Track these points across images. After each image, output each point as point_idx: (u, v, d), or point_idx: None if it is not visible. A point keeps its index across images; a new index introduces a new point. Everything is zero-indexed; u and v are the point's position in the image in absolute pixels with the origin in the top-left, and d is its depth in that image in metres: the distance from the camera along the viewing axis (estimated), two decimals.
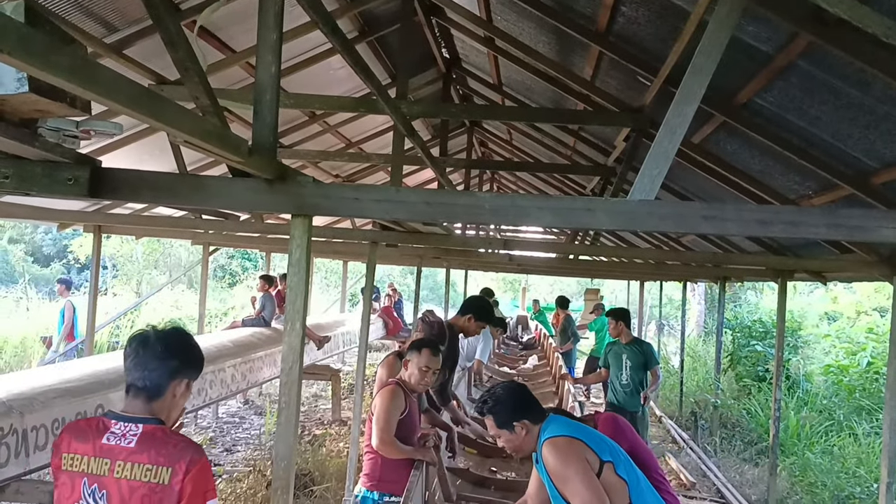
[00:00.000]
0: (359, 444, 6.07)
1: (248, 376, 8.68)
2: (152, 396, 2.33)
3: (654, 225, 2.75)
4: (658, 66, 4.47)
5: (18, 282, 25.18)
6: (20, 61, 1.45)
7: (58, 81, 1.59)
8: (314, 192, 2.79)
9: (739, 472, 9.54)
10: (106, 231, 8.98)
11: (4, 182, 2.72)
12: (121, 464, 2.19)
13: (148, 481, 2.18)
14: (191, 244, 13.63)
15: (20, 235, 31.93)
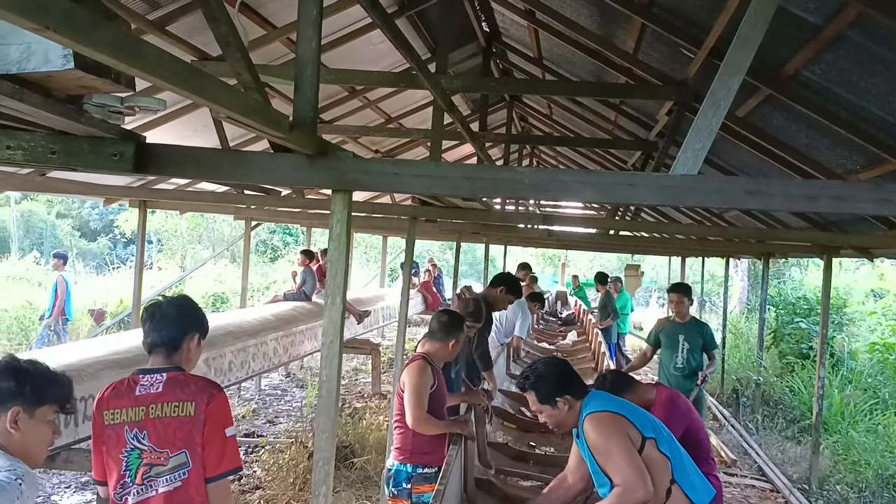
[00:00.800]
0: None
1: (289, 350, 8.81)
2: (171, 351, 2.74)
3: (697, 200, 2.71)
4: (702, 37, 4.38)
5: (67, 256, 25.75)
6: (64, 37, 1.47)
7: (101, 57, 1.61)
8: (354, 168, 2.80)
9: (781, 450, 9.44)
10: (151, 206, 9.13)
11: (52, 157, 2.78)
12: (153, 406, 2.62)
13: (177, 416, 2.62)
14: (233, 219, 13.82)
15: (67, 210, 32.64)
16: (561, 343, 14.21)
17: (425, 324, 19.55)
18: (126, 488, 2.63)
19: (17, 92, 2.26)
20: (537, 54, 7.90)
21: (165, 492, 2.60)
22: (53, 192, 9.24)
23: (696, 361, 6.96)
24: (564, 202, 16.87)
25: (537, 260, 37.03)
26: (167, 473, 2.61)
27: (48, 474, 6.88)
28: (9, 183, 7.07)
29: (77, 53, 2.22)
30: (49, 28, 1.40)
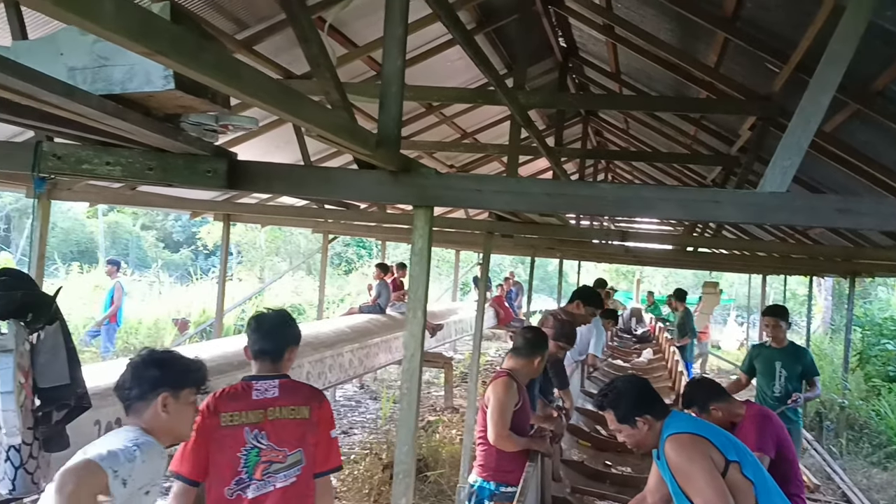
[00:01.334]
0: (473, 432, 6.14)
1: (364, 361, 8.93)
2: (276, 360, 3.04)
3: (785, 218, 2.65)
4: (788, 52, 4.28)
5: (151, 266, 26.70)
6: (172, 61, 1.55)
7: (205, 79, 1.68)
8: (437, 184, 2.84)
9: (867, 476, 9.06)
10: (234, 220, 9.42)
11: (149, 174, 2.91)
12: (272, 409, 2.92)
13: (293, 418, 2.94)
14: (311, 232, 14.10)
15: (151, 222, 33.83)
16: (636, 361, 13.99)
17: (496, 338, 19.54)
18: (243, 484, 2.86)
19: (119, 111, 2.38)
20: (615, 69, 7.84)
21: (283, 486, 2.89)
22: (143, 205, 9.63)
23: (795, 389, 6.36)
24: (641, 217, 16.60)
25: (611, 275, 36.51)
26: (284, 470, 2.90)
27: None
28: (102, 196, 7.40)
29: (177, 74, 2.33)
30: (158, 52, 1.47)
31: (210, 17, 4.97)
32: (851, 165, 5.36)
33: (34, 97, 2.07)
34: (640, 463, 6.07)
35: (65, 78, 2.41)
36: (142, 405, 2.49)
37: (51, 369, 3.44)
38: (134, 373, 2.54)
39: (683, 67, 5.96)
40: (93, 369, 5.22)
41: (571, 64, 8.53)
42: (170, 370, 2.55)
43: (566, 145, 10.57)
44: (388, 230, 10.65)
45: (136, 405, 2.50)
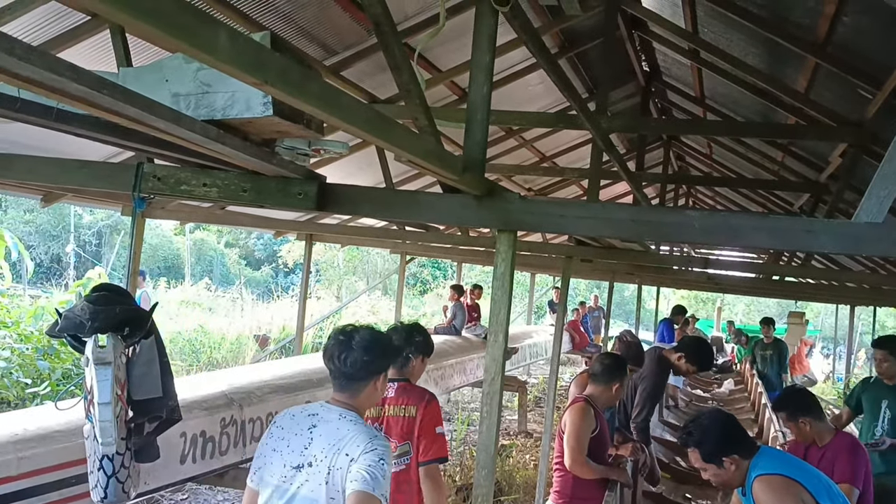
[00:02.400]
0: (549, 458, 6.08)
1: (439, 382, 8.96)
2: (402, 366, 3.52)
3: (883, 249, 2.56)
4: (883, 77, 4.15)
5: (234, 283, 27.46)
6: (279, 91, 1.63)
7: (309, 108, 1.76)
8: (520, 208, 2.86)
9: None
10: (316, 239, 9.64)
11: (243, 195, 3.02)
12: (388, 406, 3.44)
13: (403, 416, 3.43)
14: (389, 253, 14.28)
15: (235, 240, 34.86)
16: (717, 391, 13.62)
17: (571, 363, 19.28)
18: None
19: (221, 136, 2.48)
20: (699, 93, 7.73)
21: (395, 471, 3.24)
22: (232, 224, 9.96)
23: None
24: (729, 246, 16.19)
25: (690, 302, 35.68)
26: (395, 458, 3.28)
27: (213, 491, 7.30)
28: (194, 215, 7.70)
29: (275, 101, 2.43)
30: (267, 83, 1.55)
31: (300, 45, 5.15)
32: None
33: (143, 122, 2.19)
34: (723, 498, 5.89)
35: (169, 103, 2.53)
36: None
37: (145, 382, 3.59)
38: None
39: (771, 92, 5.84)
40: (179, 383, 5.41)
41: (654, 88, 8.46)
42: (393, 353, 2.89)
43: (647, 170, 10.45)
44: (464, 252, 10.71)
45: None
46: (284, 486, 2.47)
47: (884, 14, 3.75)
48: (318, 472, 2.43)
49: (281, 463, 2.50)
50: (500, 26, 3.50)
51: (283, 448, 2.51)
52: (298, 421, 2.56)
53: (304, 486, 2.44)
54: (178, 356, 13.40)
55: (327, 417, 2.52)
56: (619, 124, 6.33)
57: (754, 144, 8.41)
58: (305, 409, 2.63)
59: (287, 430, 2.55)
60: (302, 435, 2.50)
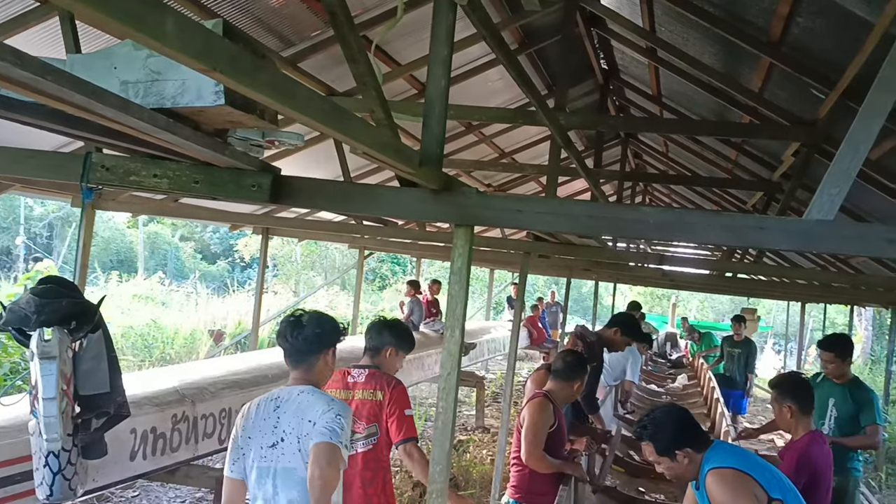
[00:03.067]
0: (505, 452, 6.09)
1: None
2: (374, 355, 3.79)
3: (833, 247, 2.61)
4: (835, 78, 4.23)
5: (189, 277, 27.05)
6: (230, 79, 1.58)
7: (260, 97, 1.71)
8: (478, 203, 2.85)
9: None
10: (273, 233, 9.52)
11: (195, 186, 2.95)
12: (357, 391, 3.67)
13: (371, 399, 3.64)
14: (347, 248, 14.19)
15: (190, 233, 34.30)
16: (670, 386, 13.81)
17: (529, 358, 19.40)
18: None
19: (170, 125, 2.42)
20: (656, 91, 7.81)
21: (363, 451, 3.60)
22: (186, 217, 9.78)
23: (850, 433, 5.27)
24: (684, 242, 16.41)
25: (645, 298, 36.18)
26: (363, 439, 3.61)
27: (165, 488, 7.18)
28: (146, 207, 7.54)
29: (228, 90, 2.37)
30: (217, 70, 1.50)
31: (257, 35, 5.07)
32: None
33: (90, 110, 2.12)
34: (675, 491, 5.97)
35: (118, 91, 2.46)
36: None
37: (92, 377, 3.51)
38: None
39: (726, 91, 5.92)
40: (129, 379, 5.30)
41: (612, 86, 8.53)
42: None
43: (605, 167, 10.53)
44: (424, 247, 10.68)
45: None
46: (265, 464, 2.79)
47: (836, 15, 3.82)
48: (290, 443, 2.76)
49: (258, 446, 2.80)
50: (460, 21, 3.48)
51: (256, 434, 2.82)
52: (263, 407, 2.86)
53: (282, 459, 2.76)
54: (130, 351, 13.18)
55: (287, 397, 2.84)
56: (578, 121, 6.36)
57: (709, 143, 8.53)
58: (267, 396, 2.92)
59: (256, 418, 2.84)
60: (269, 418, 2.81)
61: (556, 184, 5.72)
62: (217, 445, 5.54)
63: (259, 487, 2.78)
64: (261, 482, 2.78)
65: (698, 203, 13.13)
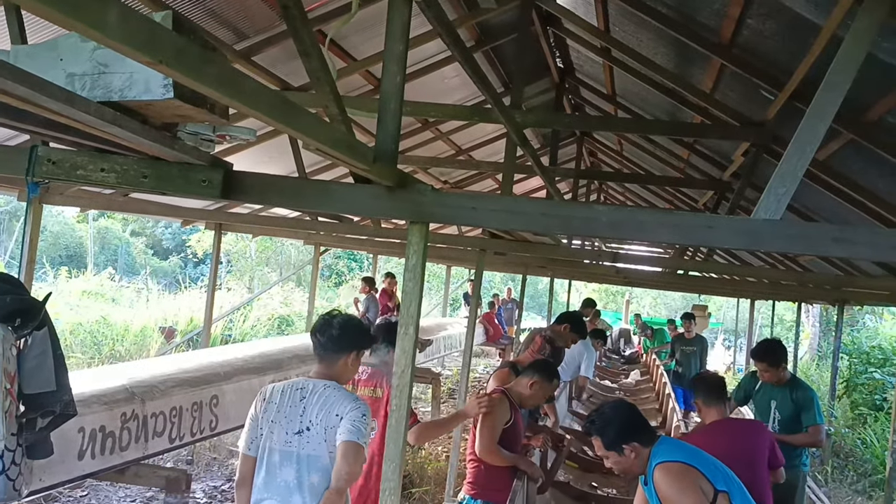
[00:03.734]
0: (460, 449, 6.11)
1: None
2: (380, 358, 4.11)
3: (779, 246, 2.66)
4: (784, 79, 4.32)
5: (140, 273, 26.56)
6: (176, 72, 1.55)
7: (207, 91, 1.68)
8: (433, 200, 2.84)
9: None
10: (226, 229, 9.39)
11: (143, 181, 2.89)
12: (360, 387, 3.99)
13: (371, 396, 3.96)
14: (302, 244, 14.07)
15: (142, 229, 33.65)
16: (624, 382, 14.00)
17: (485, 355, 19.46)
18: None
19: (117, 118, 2.36)
20: (610, 91, 7.89)
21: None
22: (136, 212, 9.58)
23: (791, 433, 5.34)
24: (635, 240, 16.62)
25: (600, 295, 36.62)
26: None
27: (115, 487, 7.05)
28: (94, 202, 7.38)
29: (176, 84, 2.33)
30: (161, 62, 1.47)
31: (210, 27, 4.99)
32: (844, 194, 5.40)
33: (34, 102, 2.07)
34: (626, 486, 6.05)
35: (63, 84, 2.40)
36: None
37: (37, 375, 3.42)
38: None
39: (678, 91, 6.01)
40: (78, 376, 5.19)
41: (568, 84, 8.59)
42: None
43: (560, 165, 10.62)
44: (380, 244, 10.65)
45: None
46: (289, 449, 3.04)
47: (785, 18, 3.89)
48: (317, 433, 3.02)
49: (283, 431, 3.05)
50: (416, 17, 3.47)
51: (280, 419, 3.06)
52: (288, 395, 3.10)
53: (307, 447, 3.03)
54: (79, 349, 12.88)
55: (314, 389, 3.11)
56: (534, 119, 6.39)
57: (662, 142, 8.65)
58: (292, 384, 3.16)
59: (280, 404, 3.09)
60: (296, 406, 3.07)
61: (511, 181, 5.74)
62: (167, 444, 5.46)
63: (279, 468, 3.03)
64: (283, 464, 3.03)
65: (652, 201, 13.32)
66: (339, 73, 5.81)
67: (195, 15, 4.80)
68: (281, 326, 18.17)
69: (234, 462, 8.14)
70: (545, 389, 4.42)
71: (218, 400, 5.97)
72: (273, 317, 18.38)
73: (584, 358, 9.25)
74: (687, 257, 10.17)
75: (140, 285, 22.99)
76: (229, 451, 8.37)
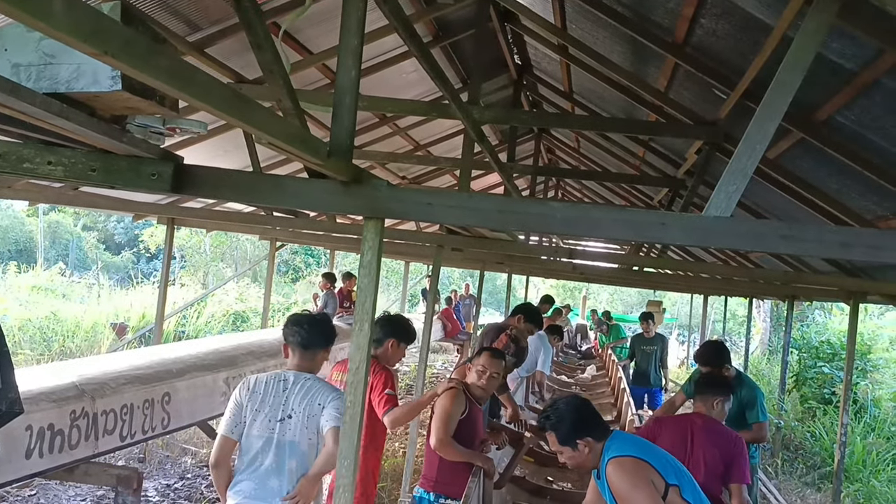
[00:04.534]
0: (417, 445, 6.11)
1: None
2: (376, 346, 4.35)
3: (729, 242, 2.69)
4: (736, 79, 4.39)
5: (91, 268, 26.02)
6: (123, 63, 1.51)
7: (156, 83, 1.64)
8: (388, 196, 2.82)
9: (801, 497, 9.29)
10: (179, 223, 9.24)
11: (91, 175, 2.82)
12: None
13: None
14: (258, 239, 13.91)
15: (93, 223, 33.03)
16: (580, 377, 14.13)
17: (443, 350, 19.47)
18: None
19: (64, 111, 2.30)
20: (568, 88, 7.95)
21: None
22: (86, 206, 9.37)
23: (736, 430, 5.15)
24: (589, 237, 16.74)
25: (557, 291, 36.91)
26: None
27: (64, 486, 6.90)
28: (43, 195, 7.19)
29: (125, 75, 2.28)
30: (108, 54, 1.43)
31: (162, 19, 4.90)
32: (792, 192, 5.52)
33: None
34: (581, 479, 6.12)
35: (8, 74, 2.34)
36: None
37: None
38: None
39: (633, 90, 6.07)
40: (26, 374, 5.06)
41: (526, 81, 8.63)
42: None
43: (518, 161, 10.67)
44: (337, 240, 10.58)
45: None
46: (271, 435, 3.37)
47: (738, 18, 3.95)
48: (298, 421, 3.37)
49: (266, 419, 3.38)
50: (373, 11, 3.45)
51: (264, 408, 3.39)
52: (272, 385, 3.45)
53: (288, 433, 3.36)
54: (28, 345, 12.59)
55: (296, 380, 3.47)
56: (491, 115, 6.40)
57: (619, 140, 8.74)
58: (275, 375, 3.50)
59: (265, 394, 3.42)
60: (278, 396, 3.41)
61: (469, 177, 5.74)
62: (118, 442, 5.36)
63: (260, 453, 3.37)
64: (264, 450, 3.37)
65: (608, 198, 13.47)
66: (294, 67, 5.77)
67: (146, 5, 4.71)
68: (236, 323, 17.96)
69: (188, 460, 8.02)
70: (492, 364, 4.40)
71: (170, 397, 5.87)
72: (228, 313, 18.16)
73: (540, 353, 9.32)
74: (642, 254, 10.29)
75: (91, 281, 22.54)
76: (182, 449, 8.26)
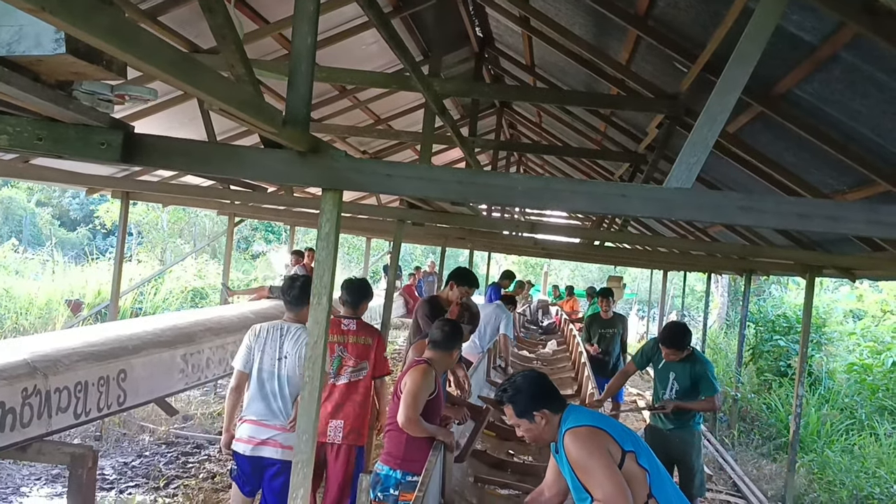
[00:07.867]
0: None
1: None
2: (355, 308, 5.08)
3: (689, 214, 2.69)
4: (696, 52, 4.39)
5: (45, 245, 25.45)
6: (60, 20, 1.43)
7: (97, 43, 1.56)
8: (346, 167, 2.76)
9: (757, 467, 9.48)
10: (134, 198, 9.03)
11: (38, 144, 2.71)
12: (350, 336, 4.95)
13: (363, 343, 4.95)
14: (216, 214, 13.68)
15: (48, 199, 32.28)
16: (541, 352, 14.22)
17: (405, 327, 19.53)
18: (330, 376, 4.86)
19: (5, 75, 2.19)
20: (530, 62, 7.90)
21: (355, 381, 4.90)
22: (36, 179, 9.11)
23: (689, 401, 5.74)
24: (551, 211, 16.83)
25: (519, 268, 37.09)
26: (355, 372, 4.90)
27: (18, 465, 6.76)
28: None
29: (69, 38, 2.17)
30: (45, 10, 1.35)
31: None
32: (751, 166, 5.57)
33: None
34: (541, 453, 6.16)
35: None
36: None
37: None
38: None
39: (595, 63, 6.05)
40: None
41: (487, 54, 8.56)
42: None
43: (480, 136, 10.62)
44: (297, 215, 10.43)
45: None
46: (272, 370, 4.53)
47: None
48: (291, 360, 4.52)
49: (270, 357, 4.53)
50: None
51: (267, 349, 4.54)
52: (273, 332, 4.58)
53: (285, 369, 4.52)
54: None
55: (289, 329, 4.60)
56: (452, 88, 6.33)
57: (580, 115, 8.74)
58: (274, 325, 4.62)
59: (268, 338, 4.56)
60: (277, 340, 4.56)
61: (430, 151, 5.68)
62: (73, 420, 5.24)
63: (268, 381, 4.51)
64: (270, 379, 4.51)
65: (570, 174, 13.49)
66: (250, 36, 5.64)
67: None
68: (195, 299, 17.71)
69: (146, 437, 7.93)
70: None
71: (126, 374, 5.76)
72: (187, 290, 17.89)
73: (501, 320, 9.31)
74: (603, 228, 10.35)
75: (46, 257, 22.02)
76: (140, 427, 8.14)
